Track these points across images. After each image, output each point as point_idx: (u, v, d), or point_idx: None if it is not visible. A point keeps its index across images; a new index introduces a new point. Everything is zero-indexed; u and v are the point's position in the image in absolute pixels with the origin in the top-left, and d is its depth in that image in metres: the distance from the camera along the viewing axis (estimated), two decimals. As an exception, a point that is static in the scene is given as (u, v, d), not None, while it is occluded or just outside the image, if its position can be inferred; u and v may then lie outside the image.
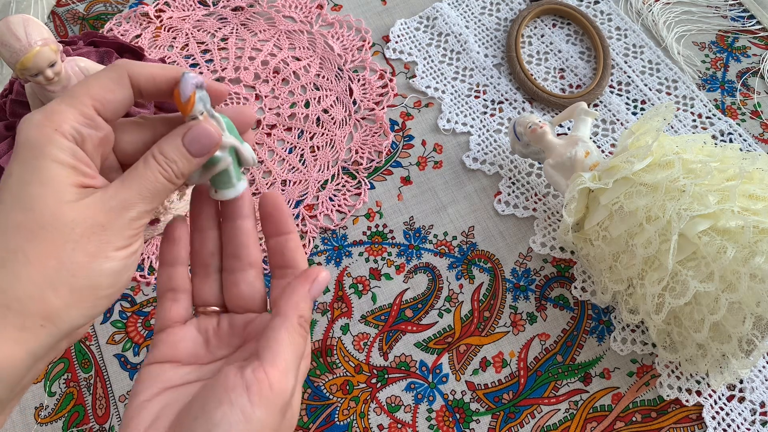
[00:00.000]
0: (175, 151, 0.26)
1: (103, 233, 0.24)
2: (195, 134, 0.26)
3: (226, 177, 0.28)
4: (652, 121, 0.43)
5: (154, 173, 0.26)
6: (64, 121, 0.24)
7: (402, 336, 0.47)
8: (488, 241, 0.51)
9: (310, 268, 0.29)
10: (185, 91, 0.26)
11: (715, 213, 0.38)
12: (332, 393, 0.46)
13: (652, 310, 0.39)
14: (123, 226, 0.25)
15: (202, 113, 0.26)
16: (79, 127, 0.25)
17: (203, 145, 0.26)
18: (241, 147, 0.28)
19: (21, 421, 0.45)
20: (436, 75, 0.59)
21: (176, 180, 0.26)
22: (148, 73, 0.27)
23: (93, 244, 0.24)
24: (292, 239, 0.31)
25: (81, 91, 0.25)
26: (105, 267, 0.24)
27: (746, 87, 0.57)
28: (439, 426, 0.44)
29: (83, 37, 0.49)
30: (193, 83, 0.26)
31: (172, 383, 0.28)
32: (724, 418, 0.44)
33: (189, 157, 0.26)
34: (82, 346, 0.48)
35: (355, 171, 0.54)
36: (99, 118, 0.25)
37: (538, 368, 0.46)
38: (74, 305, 0.23)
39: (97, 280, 0.24)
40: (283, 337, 0.26)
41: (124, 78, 0.26)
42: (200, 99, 0.26)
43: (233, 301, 0.31)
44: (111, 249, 0.24)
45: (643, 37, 0.60)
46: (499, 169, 0.54)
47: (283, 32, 0.61)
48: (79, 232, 0.23)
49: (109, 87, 0.26)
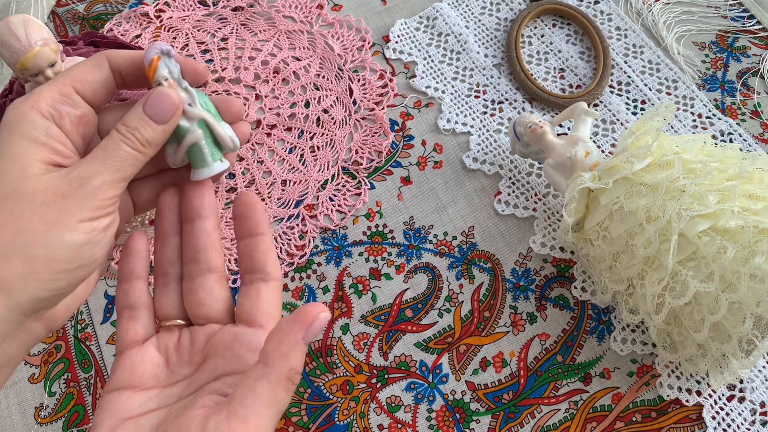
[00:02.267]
0: (137, 118, 0.26)
1: (63, 202, 0.23)
2: (154, 98, 0.26)
3: (199, 154, 0.28)
4: (652, 121, 0.43)
5: (116, 143, 0.25)
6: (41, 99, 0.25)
7: (402, 336, 0.47)
8: (488, 241, 0.51)
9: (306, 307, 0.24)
10: (148, 55, 0.26)
11: (715, 213, 0.38)
12: (332, 393, 0.46)
13: (652, 310, 0.39)
14: (86, 195, 0.24)
15: (167, 79, 0.26)
16: (56, 104, 0.25)
17: (163, 108, 0.26)
18: (216, 124, 0.28)
19: (21, 421, 0.45)
20: (436, 75, 0.59)
21: (141, 148, 0.26)
22: (127, 56, 0.27)
23: (52, 213, 0.23)
24: (263, 241, 0.28)
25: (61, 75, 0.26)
26: (65, 238, 0.23)
27: (746, 87, 0.57)
28: (439, 426, 0.44)
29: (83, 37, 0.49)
30: (158, 48, 0.26)
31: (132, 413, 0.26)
32: (724, 418, 0.44)
33: (151, 123, 0.26)
34: (82, 346, 0.48)
35: (355, 171, 0.54)
36: (77, 96, 0.26)
37: (538, 368, 0.46)
38: (30, 277, 0.22)
39: (55, 251, 0.23)
40: (263, 392, 0.23)
41: (102, 62, 0.27)
42: (165, 65, 0.26)
43: (193, 310, 0.28)
44: (73, 220, 0.24)
45: (643, 37, 0.60)
46: (499, 169, 0.54)
47: (283, 32, 0.61)
48: (39, 201, 0.23)
49: (87, 69, 0.26)
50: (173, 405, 0.26)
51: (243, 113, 0.30)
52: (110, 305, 0.49)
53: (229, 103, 0.29)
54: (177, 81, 0.27)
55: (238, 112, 0.29)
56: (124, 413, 0.26)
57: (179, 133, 0.27)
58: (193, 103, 0.27)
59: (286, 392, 0.24)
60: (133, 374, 0.27)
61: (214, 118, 0.28)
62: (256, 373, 0.23)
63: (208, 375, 0.27)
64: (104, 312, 0.49)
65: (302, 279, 0.50)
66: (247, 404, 0.23)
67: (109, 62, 0.27)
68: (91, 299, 0.49)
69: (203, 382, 0.27)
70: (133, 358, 0.27)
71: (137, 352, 0.28)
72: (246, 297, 0.28)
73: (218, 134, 0.28)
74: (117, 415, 0.25)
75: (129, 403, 0.26)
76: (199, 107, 0.27)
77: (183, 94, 0.27)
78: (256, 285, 0.28)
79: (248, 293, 0.28)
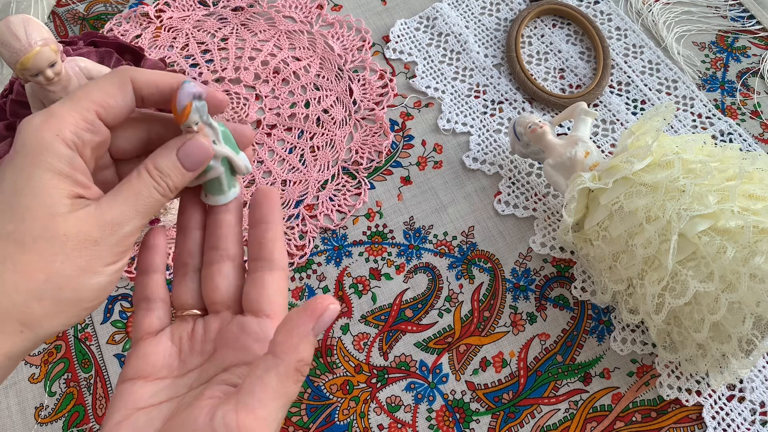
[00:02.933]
0: (170, 165, 0.26)
1: (94, 248, 0.24)
2: (189, 149, 0.26)
3: (218, 184, 0.28)
4: (652, 121, 0.43)
5: (148, 188, 0.25)
6: (65, 126, 0.24)
7: (402, 336, 0.47)
8: (488, 241, 0.51)
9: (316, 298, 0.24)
10: (182, 100, 0.25)
11: (715, 213, 0.38)
12: (332, 393, 0.46)
13: (652, 310, 0.39)
14: (115, 242, 0.24)
15: (197, 123, 0.26)
16: (80, 132, 0.24)
17: (197, 160, 0.26)
18: (236, 157, 0.28)
19: (21, 421, 0.45)
20: (436, 75, 0.59)
21: (170, 194, 0.26)
22: (151, 80, 0.26)
23: (84, 259, 0.23)
24: (271, 229, 0.28)
25: (83, 95, 0.25)
26: (93, 282, 0.24)
27: (746, 87, 0.57)
28: (439, 426, 0.44)
29: (83, 37, 0.49)
30: (191, 93, 0.25)
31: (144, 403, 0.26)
32: (723, 418, 0.44)
33: (183, 171, 0.26)
34: (82, 346, 0.48)
35: (355, 171, 0.54)
36: (100, 123, 0.25)
37: (538, 368, 0.46)
38: (56, 315, 0.23)
39: (83, 294, 0.24)
40: (271, 383, 0.23)
41: (126, 84, 0.26)
42: (196, 109, 0.26)
43: (209, 296, 0.29)
44: (101, 264, 0.24)
45: (643, 37, 0.60)
46: (499, 169, 0.54)
47: (283, 32, 0.61)
48: (71, 246, 0.23)
49: (112, 92, 0.25)
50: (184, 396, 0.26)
51: (253, 140, 0.30)
52: (110, 305, 0.49)
53: (243, 132, 0.29)
54: (204, 121, 0.27)
55: (249, 140, 0.29)
56: (137, 403, 0.26)
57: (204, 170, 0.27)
58: (216, 140, 0.27)
59: (295, 384, 0.24)
60: (147, 364, 0.27)
61: (234, 153, 0.28)
62: (265, 364, 0.24)
63: (218, 366, 0.27)
64: (104, 312, 0.49)
65: (302, 279, 0.50)
66: (256, 395, 0.23)
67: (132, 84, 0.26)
68: (91, 299, 0.49)
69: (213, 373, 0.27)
70: (147, 347, 0.28)
71: (151, 342, 0.28)
72: (252, 286, 0.28)
73: (236, 165, 0.28)
74: (129, 405, 0.26)
75: (141, 393, 0.27)
76: (222, 144, 0.27)
77: (209, 131, 0.27)
78: (261, 273, 0.28)
79: (254, 282, 0.28)
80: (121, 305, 0.49)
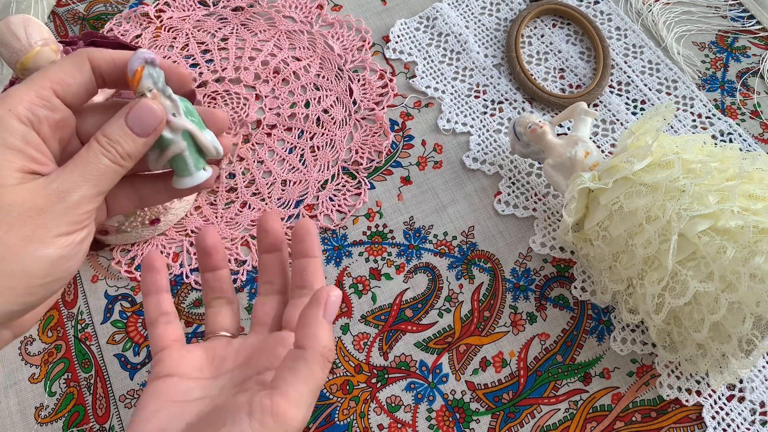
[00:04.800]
0: (118, 130, 0.25)
1: (40, 217, 0.23)
2: (137, 111, 0.25)
3: (183, 163, 0.27)
4: (652, 121, 0.43)
5: (96, 155, 0.25)
6: (18, 102, 0.24)
7: (402, 336, 0.48)
8: (488, 241, 0.51)
9: (319, 290, 0.28)
10: (132, 65, 0.25)
11: (714, 213, 0.38)
12: (332, 393, 0.46)
13: (652, 310, 0.39)
14: (63, 211, 0.23)
15: (151, 90, 0.26)
16: (34, 107, 0.24)
17: (146, 122, 0.25)
18: (200, 133, 0.27)
19: (21, 421, 0.45)
20: (436, 75, 0.59)
21: (122, 161, 0.25)
22: (108, 57, 0.26)
23: (29, 228, 0.23)
24: (312, 263, 0.32)
25: (40, 75, 0.25)
26: (41, 253, 0.23)
27: (746, 87, 0.57)
28: (439, 426, 0.44)
29: (83, 37, 0.49)
30: (142, 57, 0.25)
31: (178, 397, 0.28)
32: (723, 418, 0.44)
33: (132, 135, 0.25)
34: (82, 346, 0.48)
35: (355, 171, 0.54)
36: (56, 100, 0.25)
37: (538, 368, 0.46)
38: (3, 291, 0.22)
39: (30, 266, 0.23)
40: (301, 369, 0.26)
41: (83, 62, 0.26)
42: (149, 75, 0.25)
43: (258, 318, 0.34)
44: (50, 234, 0.23)
45: (643, 37, 0.60)
46: (499, 169, 0.54)
47: (283, 32, 0.61)
48: (15, 215, 0.22)
49: (68, 70, 0.25)
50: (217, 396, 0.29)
51: (227, 125, 0.29)
52: (110, 305, 0.49)
53: (214, 115, 0.28)
54: (161, 90, 0.26)
55: (222, 124, 0.29)
56: (171, 396, 0.28)
57: (162, 143, 0.27)
58: (177, 113, 0.26)
59: (322, 369, 0.26)
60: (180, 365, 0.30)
61: (197, 128, 0.27)
62: (294, 355, 0.26)
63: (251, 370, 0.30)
64: (104, 312, 0.49)
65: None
66: (288, 380, 0.25)
67: (90, 63, 0.26)
68: (91, 299, 0.49)
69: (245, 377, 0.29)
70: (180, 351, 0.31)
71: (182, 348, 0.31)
72: (294, 307, 0.32)
73: (202, 143, 0.27)
74: (165, 398, 0.28)
75: (175, 389, 0.29)
76: (183, 117, 0.27)
77: (167, 103, 0.26)
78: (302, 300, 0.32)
79: (296, 305, 0.32)
80: (121, 305, 0.49)
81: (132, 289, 0.50)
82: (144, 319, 0.49)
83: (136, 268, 0.50)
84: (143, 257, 0.32)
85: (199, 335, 0.48)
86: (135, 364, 0.47)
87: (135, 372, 0.47)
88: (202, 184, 0.28)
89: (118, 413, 0.45)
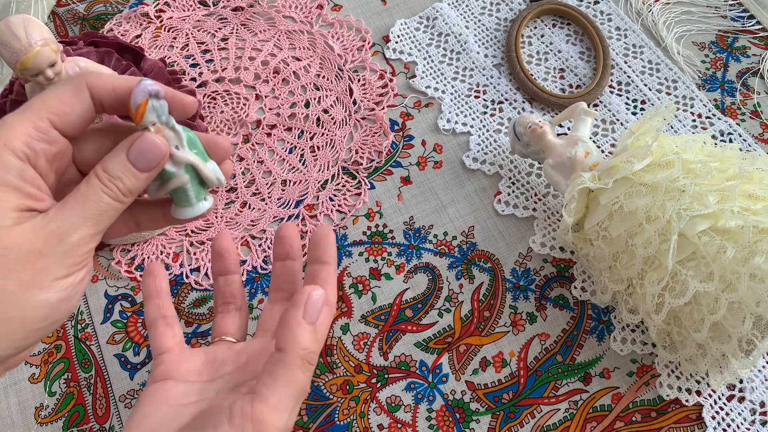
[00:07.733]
0: (120, 166, 0.24)
1: (39, 261, 0.22)
2: (140, 147, 0.24)
3: (184, 195, 0.26)
4: (652, 121, 0.43)
5: (97, 192, 0.23)
6: (14, 137, 0.22)
7: (402, 336, 0.48)
8: (488, 241, 0.51)
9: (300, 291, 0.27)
10: (136, 98, 0.24)
11: (714, 213, 0.38)
12: (332, 393, 0.46)
13: (652, 310, 0.39)
14: (63, 253, 0.22)
15: (154, 124, 0.25)
16: (31, 141, 0.23)
17: (149, 158, 0.24)
18: (203, 165, 0.26)
19: (21, 421, 0.45)
20: (436, 75, 0.59)
21: (123, 198, 0.24)
22: (108, 84, 0.25)
23: (27, 273, 0.21)
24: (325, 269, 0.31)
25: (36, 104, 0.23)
26: (40, 298, 0.22)
27: (746, 87, 0.57)
28: (439, 426, 0.44)
29: (83, 37, 0.49)
30: (146, 90, 0.24)
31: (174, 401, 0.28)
32: (723, 418, 0.44)
33: (135, 172, 0.24)
34: (82, 346, 0.48)
35: (355, 171, 0.54)
36: (54, 132, 0.23)
37: (538, 368, 0.46)
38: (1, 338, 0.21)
39: (29, 312, 0.22)
40: (280, 374, 0.25)
41: (82, 90, 0.24)
42: (153, 108, 0.24)
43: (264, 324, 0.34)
44: (49, 278, 0.22)
45: (643, 37, 0.60)
46: (499, 169, 0.54)
47: (283, 32, 0.61)
48: (13, 259, 0.21)
49: (66, 99, 0.24)
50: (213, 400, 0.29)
51: (230, 152, 0.28)
52: (110, 305, 0.49)
53: (217, 143, 0.28)
54: (165, 123, 0.25)
55: (225, 153, 0.28)
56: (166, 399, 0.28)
57: (165, 176, 0.26)
58: (180, 145, 0.25)
59: (303, 372, 0.25)
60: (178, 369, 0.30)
61: (200, 159, 0.26)
62: (273, 358, 0.25)
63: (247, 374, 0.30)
64: (104, 312, 0.49)
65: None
66: (268, 385, 0.25)
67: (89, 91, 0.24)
68: (91, 299, 0.49)
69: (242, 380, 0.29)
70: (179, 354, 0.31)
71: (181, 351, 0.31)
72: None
73: (204, 175, 0.27)
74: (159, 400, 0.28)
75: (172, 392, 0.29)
76: (187, 150, 0.26)
77: (170, 135, 0.25)
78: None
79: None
80: (121, 305, 0.49)
81: (132, 289, 0.50)
82: (144, 319, 0.49)
83: (137, 268, 0.50)
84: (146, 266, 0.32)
85: (199, 335, 0.48)
86: (135, 364, 0.47)
87: (135, 372, 0.47)
88: (202, 214, 0.27)
89: (118, 413, 0.45)
